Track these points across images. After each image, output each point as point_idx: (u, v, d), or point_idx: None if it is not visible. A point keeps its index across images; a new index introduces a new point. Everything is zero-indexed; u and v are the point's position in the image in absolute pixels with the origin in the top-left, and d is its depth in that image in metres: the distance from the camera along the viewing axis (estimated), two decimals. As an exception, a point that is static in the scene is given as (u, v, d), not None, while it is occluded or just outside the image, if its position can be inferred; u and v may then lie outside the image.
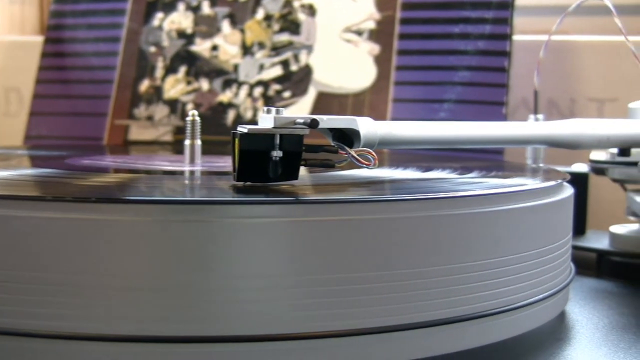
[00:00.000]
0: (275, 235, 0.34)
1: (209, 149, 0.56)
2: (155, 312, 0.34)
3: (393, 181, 0.46)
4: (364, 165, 0.40)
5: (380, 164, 0.52)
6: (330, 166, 0.41)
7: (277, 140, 0.38)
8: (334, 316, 0.35)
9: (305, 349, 0.35)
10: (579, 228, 0.64)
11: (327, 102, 0.76)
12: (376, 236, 0.35)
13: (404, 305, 0.36)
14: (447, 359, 0.38)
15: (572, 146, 0.52)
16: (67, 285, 0.34)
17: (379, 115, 0.74)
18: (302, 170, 0.41)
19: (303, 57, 0.78)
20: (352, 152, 0.40)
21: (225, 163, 0.53)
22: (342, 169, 0.47)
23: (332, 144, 0.41)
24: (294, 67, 0.78)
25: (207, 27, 0.81)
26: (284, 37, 0.79)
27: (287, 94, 0.77)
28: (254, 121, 0.75)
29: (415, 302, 0.37)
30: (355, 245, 0.35)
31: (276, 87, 0.78)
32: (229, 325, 0.34)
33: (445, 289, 0.37)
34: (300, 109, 0.76)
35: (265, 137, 0.38)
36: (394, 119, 0.74)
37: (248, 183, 0.39)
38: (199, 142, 0.53)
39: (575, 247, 0.57)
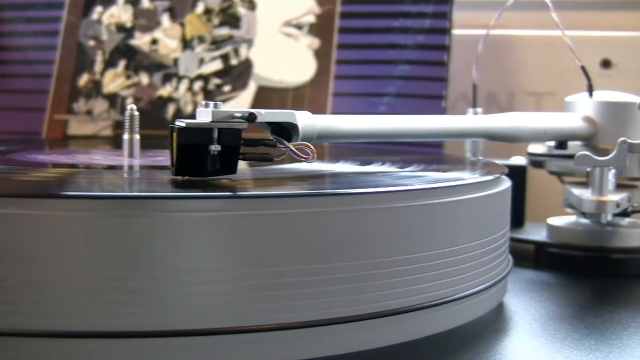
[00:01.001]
0: (214, 230, 0.34)
1: (149, 143, 0.55)
2: (95, 307, 0.33)
3: (332, 175, 0.46)
4: (303, 159, 0.40)
5: (320, 158, 0.52)
6: (268, 160, 0.41)
7: (215, 134, 0.38)
8: (274, 309, 0.35)
9: (245, 343, 0.35)
10: (517, 220, 0.64)
11: (267, 96, 0.76)
12: (315, 230, 0.36)
13: (345, 298, 0.36)
14: (386, 352, 0.38)
15: (510, 139, 0.53)
16: (3, 281, 0.33)
17: (319, 109, 0.74)
18: (242, 164, 0.41)
19: (243, 51, 0.78)
20: (291, 145, 0.40)
21: (165, 157, 0.53)
22: (282, 162, 0.47)
23: (271, 138, 0.41)
24: (234, 61, 0.78)
25: (147, 20, 0.81)
26: (224, 31, 0.79)
27: (227, 88, 0.77)
28: (193, 115, 0.74)
29: (356, 295, 0.37)
30: (294, 239, 0.35)
31: (216, 81, 0.77)
32: (169, 320, 0.34)
33: (384, 282, 0.37)
34: (240, 103, 0.76)
35: (203, 131, 0.38)
36: (334, 113, 0.74)
37: (186, 177, 0.39)
38: (137, 136, 0.52)
39: (513, 239, 0.58)
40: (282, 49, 0.77)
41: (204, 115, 0.39)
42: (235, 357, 0.35)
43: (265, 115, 0.40)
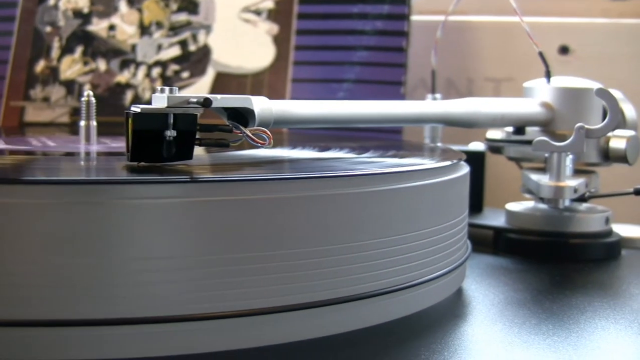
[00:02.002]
0: (170, 216, 0.34)
1: (106, 130, 0.55)
2: (50, 295, 0.33)
3: (290, 160, 0.45)
4: (259, 144, 0.40)
5: (278, 144, 0.52)
6: (225, 145, 0.41)
7: (171, 120, 0.38)
8: (230, 296, 0.35)
9: (204, 330, 0.35)
10: (476, 206, 0.64)
11: (225, 82, 0.76)
12: (272, 215, 0.35)
13: (304, 284, 0.36)
14: (345, 338, 0.38)
15: (468, 125, 0.53)
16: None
17: (278, 96, 0.74)
18: (200, 150, 0.40)
19: (201, 37, 0.77)
20: (247, 131, 0.40)
21: (121, 144, 0.52)
22: (240, 148, 0.47)
23: (227, 124, 0.40)
24: (192, 47, 0.77)
25: (104, 6, 0.80)
26: (182, 17, 0.78)
27: (185, 74, 0.76)
28: (150, 101, 0.74)
29: (314, 281, 0.37)
30: (251, 225, 0.35)
31: (174, 67, 0.77)
32: (127, 308, 0.33)
33: (341, 269, 0.37)
34: (198, 89, 0.75)
35: (159, 117, 0.38)
36: (293, 98, 0.73)
37: (142, 163, 0.39)
38: (94, 122, 0.52)
39: (472, 225, 0.58)
40: (240, 35, 0.77)
41: (160, 101, 0.38)
42: (191, 345, 0.35)
43: (221, 100, 0.40)
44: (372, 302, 0.39)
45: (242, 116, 0.41)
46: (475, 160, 0.63)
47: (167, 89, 0.38)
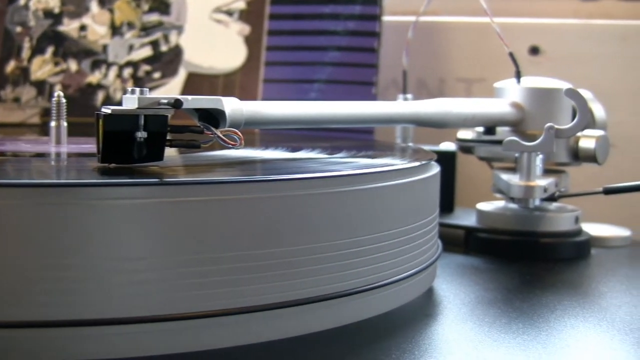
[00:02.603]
0: (140, 217, 0.34)
1: (77, 130, 0.55)
2: (24, 297, 0.33)
3: (261, 161, 0.45)
4: (230, 145, 0.40)
5: (250, 145, 0.52)
6: (195, 147, 0.41)
7: (142, 121, 0.38)
8: (202, 297, 0.35)
9: (176, 330, 0.35)
10: (448, 206, 0.65)
11: (197, 83, 0.76)
12: (243, 216, 0.35)
13: (275, 284, 0.36)
14: (316, 338, 0.38)
15: (439, 125, 0.53)
16: None
17: (250, 96, 0.74)
18: (171, 151, 0.40)
19: (173, 38, 0.77)
20: (218, 132, 0.40)
21: (92, 145, 0.52)
22: (212, 149, 0.47)
23: (198, 125, 0.40)
24: (164, 48, 0.77)
25: (75, 6, 0.80)
26: (154, 17, 0.78)
27: (157, 74, 0.76)
28: (121, 102, 0.73)
29: (285, 281, 0.37)
30: (221, 226, 0.35)
31: (146, 67, 0.77)
32: (98, 309, 0.33)
33: (313, 268, 0.37)
34: (170, 90, 0.75)
35: (129, 118, 0.38)
36: (265, 99, 0.73)
37: (113, 164, 0.39)
38: (64, 123, 0.52)
39: (443, 225, 0.58)
40: (212, 35, 0.77)
41: (130, 102, 0.38)
42: (165, 345, 0.35)
43: (192, 101, 0.40)
44: (343, 302, 0.39)
45: (213, 117, 0.41)
46: (446, 160, 0.64)
47: (137, 90, 0.38)
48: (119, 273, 0.33)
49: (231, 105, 0.42)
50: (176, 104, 0.38)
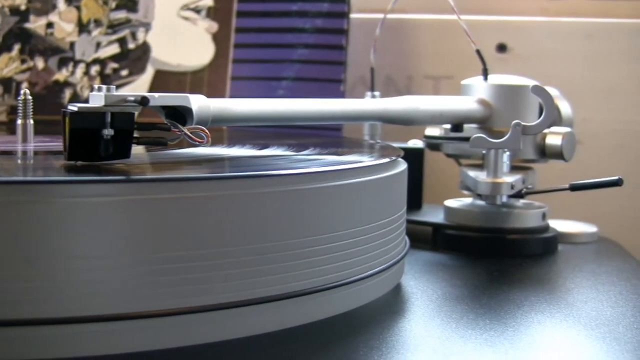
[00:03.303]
0: (106, 214, 0.34)
1: (44, 128, 0.55)
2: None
3: (228, 159, 0.45)
4: (197, 143, 0.40)
5: (219, 142, 0.52)
6: (162, 144, 0.41)
7: (108, 119, 0.38)
8: (169, 294, 0.35)
9: (142, 328, 0.34)
10: (415, 203, 0.65)
11: (165, 80, 0.75)
12: (209, 214, 0.35)
13: (240, 282, 0.36)
14: (283, 335, 0.38)
15: (406, 122, 0.53)
16: None
17: (217, 93, 0.73)
18: (140, 149, 0.40)
19: (141, 35, 0.77)
20: (185, 129, 0.40)
21: (59, 142, 0.52)
22: (180, 146, 0.46)
23: (165, 122, 0.40)
24: (131, 45, 0.77)
25: (42, 3, 0.79)
26: (121, 15, 0.78)
27: (124, 72, 0.76)
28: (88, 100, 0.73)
29: (251, 279, 0.37)
30: (189, 223, 0.35)
31: (113, 65, 0.76)
32: (66, 307, 0.33)
33: (280, 265, 0.37)
34: (138, 87, 0.75)
35: (96, 116, 0.38)
36: (233, 96, 0.73)
37: (80, 162, 0.39)
38: (31, 121, 0.51)
39: (411, 222, 0.59)
40: (180, 32, 0.77)
41: (97, 100, 0.38)
42: (132, 344, 0.34)
43: (159, 99, 0.40)
44: (311, 299, 0.39)
45: (181, 114, 0.41)
46: (414, 157, 0.64)
47: (104, 87, 0.38)
48: (85, 270, 0.33)
49: (198, 103, 0.41)
50: (143, 101, 0.38)
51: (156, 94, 0.40)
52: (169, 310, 0.35)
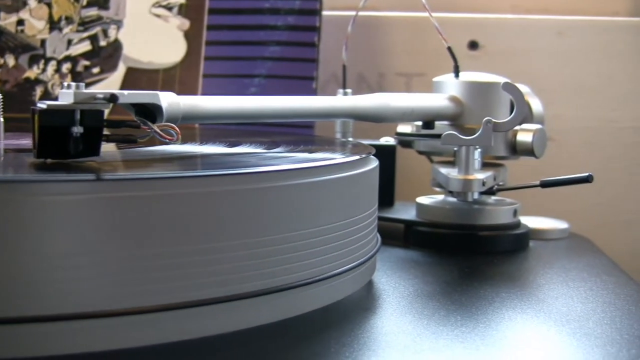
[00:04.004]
0: (77, 213, 0.33)
1: (15, 126, 0.54)
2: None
3: (200, 156, 0.45)
4: (167, 140, 0.40)
5: (190, 140, 0.52)
6: (132, 142, 0.40)
7: (78, 116, 0.37)
8: (140, 292, 0.34)
9: (116, 326, 0.34)
10: (388, 200, 0.65)
11: (136, 77, 0.75)
12: (180, 212, 0.35)
13: (213, 279, 0.36)
14: (254, 332, 0.38)
15: (377, 119, 0.53)
16: None
17: (189, 91, 0.73)
18: (111, 146, 0.40)
19: (112, 33, 0.77)
20: (155, 127, 0.40)
21: (30, 140, 0.51)
22: (151, 144, 0.46)
23: (135, 120, 0.40)
24: (103, 43, 0.76)
25: (12, 0, 0.78)
26: (93, 12, 0.77)
27: (96, 69, 0.76)
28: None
29: (223, 276, 0.37)
30: (159, 221, 0.35)
31: (85, 62, 0.76)
32: (39, 305, 0.33)
33: (251, 263, 0.37)
34: (109, 85, 0.75)
35: (65, 113, 0.37)
36: (204, 94, 0.73)
37: (49, 160, 0.38)
38: (1, 119, 0.51)
39: (383, 219, 0.59)
40: (151, 30, 0.76)
41: (66, 97, 0.38)
42: (103, 342, 0.34)
43: (128, 96, 0.40)
44: (282, 296, 0.39)
45: (151, 112, 0.41)
46: (386, 154, 0.64)
47: (73, 84, 0.38)
48: (54, 269, 0.33)
49: (168, 100, 0.41)
50: (112, 98, 0.38)
51: (126, 92, 0.39)
52: (140, 308, 0.35)
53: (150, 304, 0.35)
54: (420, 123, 0.60)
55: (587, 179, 0.56)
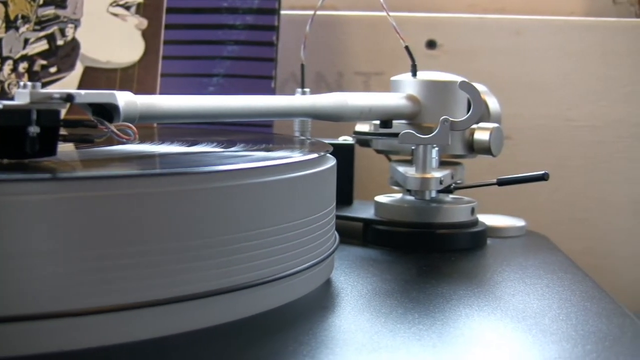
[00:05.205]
0: (33, 213, 0.33)
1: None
2: None
3: (157, 156, 0.45)
4: (124, 140, 0.40)
5: (149, 139, 0.52)
6: (89, 141, 0.40)
7: (34, 116, 0.37)
8: (99, 292, 0.34)
9: (73, 326, 0.34)
10: (346, 199, 0.65)
11: (94, 77, 0.75)
12: (138, 211, 0.35)
13: (170, 279, 0.36)
14: (213, 331, 0.38)
15: (335, 118, 0.54)
16: None
17: (148, 90, 0.73)
18: (69, 146, 0.40)
19: (70, 32, 0.76)
20: (112, 126, 0.40)
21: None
22: (109, 144, 0.46)
23: (92, 119, 0.40)
24: (60, 42, 0.76)
25: (-32, -1, 0.78)
26: (49, 11, 0.77)
27: (53, 69, 0.75)
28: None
29: (180, 275, 0.36)
30: (117, 221, 0.35)
31: (42, 62, 0.75)
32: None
33: (210, 261, 0.37)
34: (67, 84, 0.74)
35: (21, 113, 0.37)
36: (163, 93, 0.73)
37: (6, 160, 0.38)
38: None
39: (342, 217, 0.59)
40: (109, 29, 0.76)
41: (22, 97, 0.38)
42: (63, 342, 0.34)
43: (85, 96, 0.39)
44: (240, 295, 0.39)
45: (108, 112, 0.41)
46: (345, 153, 0.64)
47: (30, 84, 0.38)
48: (12, 270, 0.33)
49: (125, 99, 0.41)
50: (68, 98, 0.38)
51: (82, 91, 0.39)
52: (95, 308, 0.34)
53: (105, 304, 0.35)
54: (378, 122, 0.60)
55: (543, 177, 0.57)
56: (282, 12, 0.75)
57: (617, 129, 0.83)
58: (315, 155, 0.45)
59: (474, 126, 0.59)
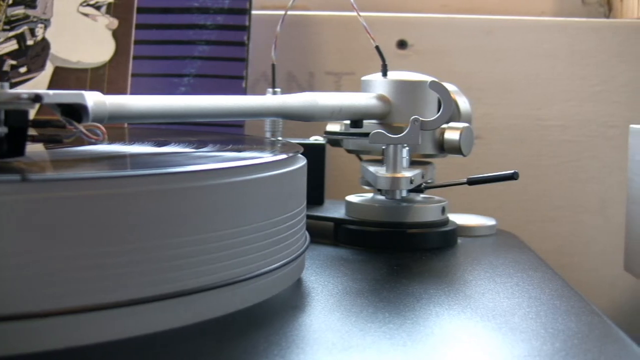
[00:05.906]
0: (2, 214, 0.33)
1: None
2: None
3: (128, 156, 0.45)
4: (93, 140, 0.40)
5: (119, 139, 0.52)
6: (58, 141, 0.40)
7: (2, 116, 0.37)
8: (69, 292, 0.34)
9: (40, 327, 0.34)
10: (317, 198, 0.65)
11: (64, 77, 0.74)
12: (106, 212, 0.35)
13: (139, 279, 0.36)
14: (182, 331, 0.38)
15: (306, 118, 0.54)
16: None
17: (118, 90, 0.73)
18: (39, 146, 0.40)
19: (40, 31, 0.76)
20: (80, 127, 0.39)
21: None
22: (79, 144, 0.46)
23: (60, 119, 0.40)
24: (30, 42, 0.76)
25: (-64, -1, 0.77)
26: (19, 11, 0.76)
27: (23, 69, 0.75)
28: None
29: (149, 276, 0.36)
30: (86, 222, 0.34)
31: (11, 62, 0.75)
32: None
33: (178, 262, 0.37)
34: (37, 84, 0.74)
35: None
36: (133, 93, 0.73)
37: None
38: None
39: (313, 217, 0.59)
40: (80, 29, 0.76)
41: (-11, 97, 0.38)
42: (32, 343, 0.34)
43: (53, 96, 0.39)
44: (210, 295, 0.39)
45: (77, 112, 0.41)
46: (316, 153, 0.64)
47: (-3, 84, 0.38)
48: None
49: (94, 99, 0.41)
50: (37, 98, 0.37)
51: (51, 92, 0.39)
52: (64, 309, 0.34)
53: (74, 304, 0.34)
54: (349, 122, 0.60)
55: (513, 176, 0.57)
56: (253, 12, 0.75)
57: (586, 128, 0.83)
58: (285, 155, 0.45)
59: (444, 126, 0.59)
